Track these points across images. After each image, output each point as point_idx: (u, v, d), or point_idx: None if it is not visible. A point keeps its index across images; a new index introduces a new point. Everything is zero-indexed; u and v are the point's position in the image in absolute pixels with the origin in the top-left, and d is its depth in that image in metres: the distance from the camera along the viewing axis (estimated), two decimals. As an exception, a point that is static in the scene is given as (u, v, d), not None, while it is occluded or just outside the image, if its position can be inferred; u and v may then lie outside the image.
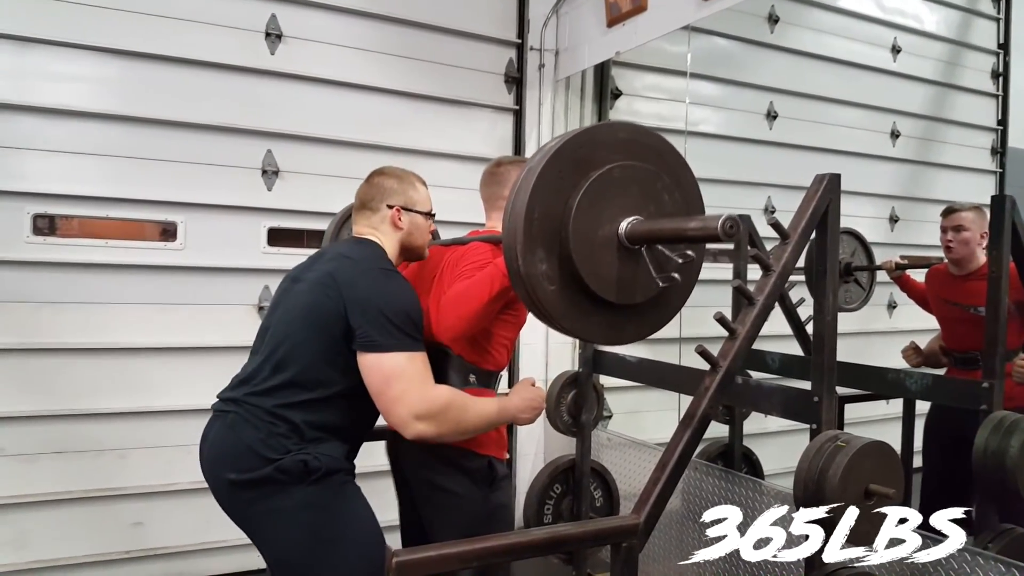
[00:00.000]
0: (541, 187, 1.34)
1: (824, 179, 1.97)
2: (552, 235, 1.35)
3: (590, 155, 1.39)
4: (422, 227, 2.24)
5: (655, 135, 1.50)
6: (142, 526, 3.40)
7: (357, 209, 2.25)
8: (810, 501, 1.71)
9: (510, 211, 1.39)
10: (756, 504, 2.70)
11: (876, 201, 5.49)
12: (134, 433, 3.39)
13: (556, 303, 1.38)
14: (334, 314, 1.94)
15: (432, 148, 3.93)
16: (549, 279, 1.36)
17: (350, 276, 1.98)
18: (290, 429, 1.92)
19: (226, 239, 3.53)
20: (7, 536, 3.21)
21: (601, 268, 1.38)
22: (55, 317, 3.25)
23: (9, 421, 3.19)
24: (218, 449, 1.99)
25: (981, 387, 2.68)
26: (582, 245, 1.36)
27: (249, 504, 1.94)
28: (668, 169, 1.49)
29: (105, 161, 3.30)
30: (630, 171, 1.41)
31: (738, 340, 1.85)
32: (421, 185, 2.28)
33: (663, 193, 1.46)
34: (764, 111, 4.94)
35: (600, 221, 1.38)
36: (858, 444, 1.70)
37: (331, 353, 1.96)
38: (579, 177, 1.37)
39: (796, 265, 1.95)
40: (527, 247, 1.34)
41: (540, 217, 1.34)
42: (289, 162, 3.62)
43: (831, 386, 1.98)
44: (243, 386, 2.02)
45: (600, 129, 1.42)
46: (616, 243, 1.40)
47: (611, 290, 1.39)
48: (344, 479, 1.99)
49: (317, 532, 1.92)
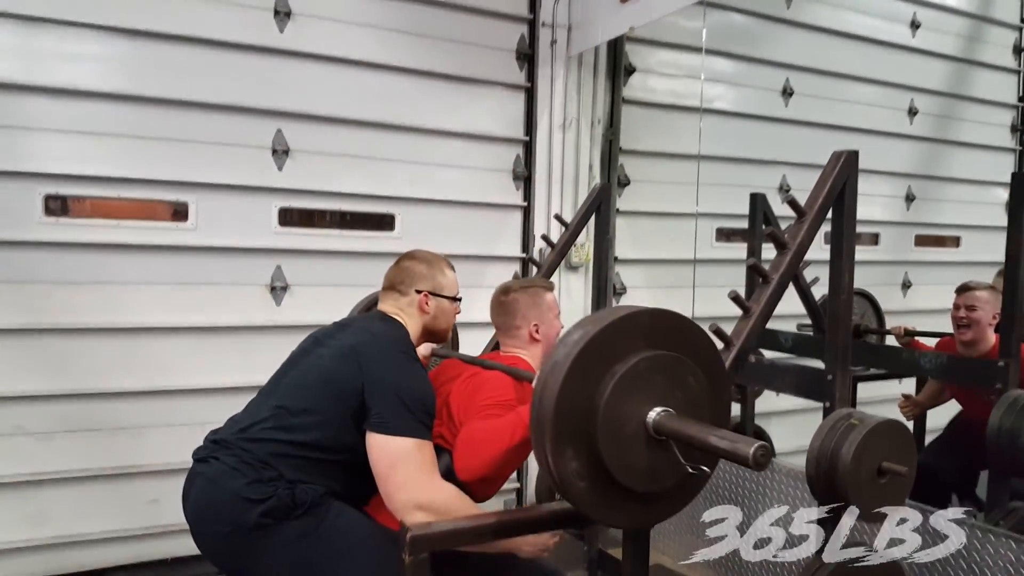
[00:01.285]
0: (568, 386, 1.33)
1: (841, 156, 1.96)
2: (580, 432, 1.35)
3: (614, 348, 1.38)
4: (448, 311, 2.30)
5: (676, 316, 1.48)
6: (159, 503, 3.43)
7: (385, 289, 2.29)
8: (823, 479, 1.71)
9: (538, 404, 1.37)
10: (768, 482, 2.70)
11: (892, 180, 5.44)
12: (149, 412, 3.42)
13: (587, 498, 1.38)
14: (351, 388, 1.95)
15: (442, 127, 3.91)
16: (579, 476, 1.36)
17: (372, 354, 2.00)
18: (278, 476, 1.91)
19: (237, 219, 3.53)
20: (27, 512, 3.25)
21: (630, 461, 1.37)
22: (69, 297, 3.27)
23: (26, 400, 3.22)
24: (203, 505, 1.96)
25: (997, 366, 2.67)
26: (610, 442, 1.35)
27: (240, 551, 1.91)
28: (691, 350, 1.46)
29: (115, 141, 3.30)
30: (655, 361, 1.40)
31: (752, 318, 1.84)
32: (449, 270, 2.33)
33: (688, 376, 1.44)
34: (780, 88, 4.89)
35: (628, 415, 1.37)
36: (872, 422, 1.69)
37: (340, 424, 1.95)
38: (604, 371, 1.36)
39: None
40: (556, 448, 1.34)
41: (568, 414, 1.33)
42: (299, 141, 3.61)
43: (845, 365, 1.98)
44: (240, 431, 2.00)
45: (623, 321, 1.39)
46: (644, 434, 1.38)
47: (640, 481, 1.39)
48: (328, 501, 1.97)
49: (313, 560, 1.91)
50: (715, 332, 1.79)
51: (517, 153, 4.14)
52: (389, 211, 3.84)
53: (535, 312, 2.37)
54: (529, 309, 2.37)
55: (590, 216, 3.29)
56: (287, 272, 3.63)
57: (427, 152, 3.89)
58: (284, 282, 3.62)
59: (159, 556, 3.45)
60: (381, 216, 3.84)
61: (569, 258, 4.15)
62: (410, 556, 1.38)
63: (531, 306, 2.37)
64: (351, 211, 3.76)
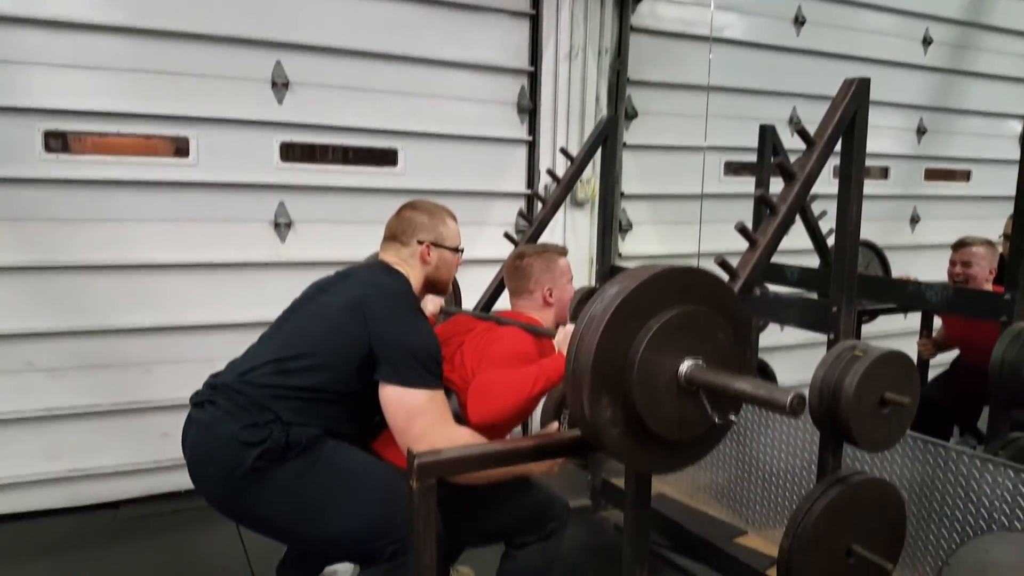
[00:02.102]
0: (606, 339, 1.39)
1: (852, 84, 1.92)
2: (615, 382, 1.41)
3: (650, 303, 1.43)
4: (450, 262, 2.27)
5: (708, 274, 1.54)
6: (169, 436, 3.48)
7: (387, 239, 2.26)
8: (826, 409, 1.72)
9: (575, 360, 1.42)
10: (770, 413, 2.73)
11: (904, 112, 5.35)
12: (157, 348, 3.45)
13: (620, 444, 1.44)
14: (356, 341, 1.95)
15: (445, 57, 3.83)
16: (614, 423, 1.42)
17: (378, 308, 1.99)
18: (274, 418, 1.92)
19: (239, 154, 3.50)
20: (41, 447, 3.31)
21: (662, 410, 1.43)
22: (73, 235, 3.27)
23: (35, 337, 3.25)
24: (199, 452, 1.99)
25: (1003, 299, 2.66)
26: (645, 392, 1.41)
27: (238, 494, 1.94)
28: (721, 308, 1.52)
29: (114, 75, 3.25)
30: (688, 316, 1.45)
31: (758, 250, 1.83)
32: (451, 220, 2.30)
33: (718, 332, 1.50)
34: (792, 16, 4.78)
35: (661, 367, 1.43)
36: (875, 353, 1.69)
37: (342, 372, 1.97)
38: (640, 325, 1.42)
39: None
40: (593, 396, 1.39)
41: (604, 365, 1.39)
42: (299, 74, 3.55)
43: (850, 296, 1.97)
44: (239, 375, 2.01)
45: (659, 278, 1.45)
46: (676, 385, 1.44)
47: (671, 429, 1.45)
48: (323, 441, 1.99)
49: (313, 499, 1.93)
50: (720, 264, 1.79)
51: (522, 84, 4.06)
52: (392, 146, 3.80)
53: (548, 276, 2.40)
54: (543, 274, 2.40)
55: (596, 150, 3.25)
56: (290, 208, 3.61)
57: (430, 84, 3.83)
58: (288, 219, 3.61)
59: (172, 488, 3.52)
60: (384, 151, 3.80)
61: (574, 194, 4.11)
62: (417, 483, 1.41)
63: (544, 271, 2.41)
64: (353, 146, 3.72)
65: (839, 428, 1.72)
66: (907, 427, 1.82)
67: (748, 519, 2.87)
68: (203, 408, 1.99)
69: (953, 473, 2.17)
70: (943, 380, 3.76)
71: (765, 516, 2.80)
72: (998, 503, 2.06)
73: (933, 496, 2.21)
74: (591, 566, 2.94)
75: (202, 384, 2.11)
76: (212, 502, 2.03)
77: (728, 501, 2.96)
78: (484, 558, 2.46)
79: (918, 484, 2.24)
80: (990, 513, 2.08)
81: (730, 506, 2.96)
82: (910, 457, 2.27)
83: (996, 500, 2.07)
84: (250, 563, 2.92)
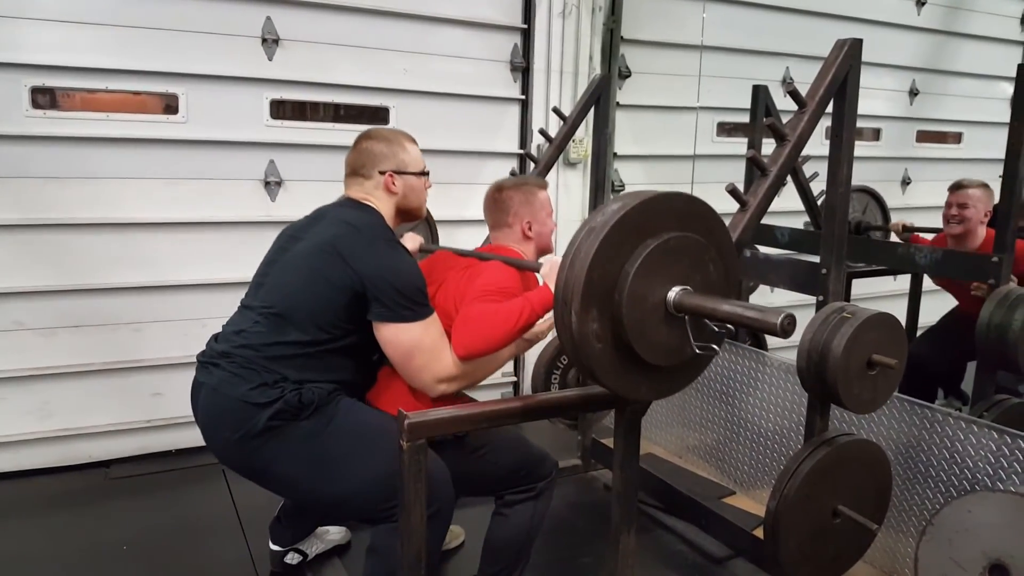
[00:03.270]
0: (603, 252, 1.38)
1: (845, 44, 1.90)
2: (605, 296, 1.40)
3: (648, 223, 1.43)
4: (417, 188, 2.20)
5: (707, 205, 1.53)
6: (161, 396, 3.50)
7: (348, 176, 2.19)
8: (813, 370, 1.74)
9: (570, 268, 1.41)
10: (759, 375, 2.75)
11: (897, 73, 5.32)
12: (148, 307, 3.44)
13: (601, 360, 1.43)
14: (340, 284, 1.94)
15: (437, 12, 3.77)
16: (598, 338, 1.41)
17: (356, 247, 1.97)
18: (282, 379, 1.93)
19: (228, 112, 3.45)
20: (31, 405, 3.31)
21: (647, 332, 1.43)
22: (61, 192, 3.23)
23: (24, 296, 3.23)
24: (211, 415, 1.99)
25: (991, 261, 2.68)
26: (633, 310, 1.40)
27: (253, 454, 1.95)
28: (715, 241, 1.52)
29: (101, 30, 3.19)
30: (684, 241, 1.46)
31: (749, 211, 1.83)
32: (411, 144, 2.21)
33: (709, 264, 1.50)
34: (786, -25, 4.72)
35: (652, 288, 1.43)
36: (864, 315, 1.71)
37: (331, 317, 1.96)
38: (636, 243, 1.42)
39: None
40: (583, 306, 1.38)
41: (597, 278, 1.38)
42: (289, 30, 3.49)
43: (840, 258, 1.98)
44: (235, 338, 2.01)
45: (660, 200, 1.44)
46: (663, 310, 1.44)
47: (653, 353, 1.45)
48: (335, 399, 2.00)
49: (325, 459, 1.95)
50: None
51: (515, 42, 4.01)
52: (383, 103, 3.76)
53: (527, 210, 2.35)
54: (522, 206, 2.34)
55: (589, 109, 3.22)
56: (281, 167, 3.58)
57: (421, 40, 3.77)
58: (278, 177, 3.58)
59: (164, 448, 3.55)
60: (375, 109, 3.75)
61: (567, 154, 4.09)
62: (408, 442, 1.42)
63: (524, 203, 2.35)
64: (344, 103, 3.67)
65: (827, 390, 1.74)
66: (894, 389, 1.85)
67: (736, 479, 2.92)
68: (209, 371, 2.00)
69: (939, 435, 2.20)
70: (928, 336, 3.80)
71: (753, 476, 2.84)
72: (982, 464, 2.10)
73: (919, 457, 2.25)
74: (581, 525, 2.98)
75: (205, 344, 2.11)
76: (227, 463, 2.06)
77: (716, 461, 3.00)
78: (475, 519, 2.49)
79: (904, 445, 2.28)
80: (973, 474, 2.12)
81: (718, 466, 3.00)
82: (896, 419, 2.30)
83: (980, 461, 2.10)
84: (241, 522, 2.94)
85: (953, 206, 3.33)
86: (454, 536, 2.74)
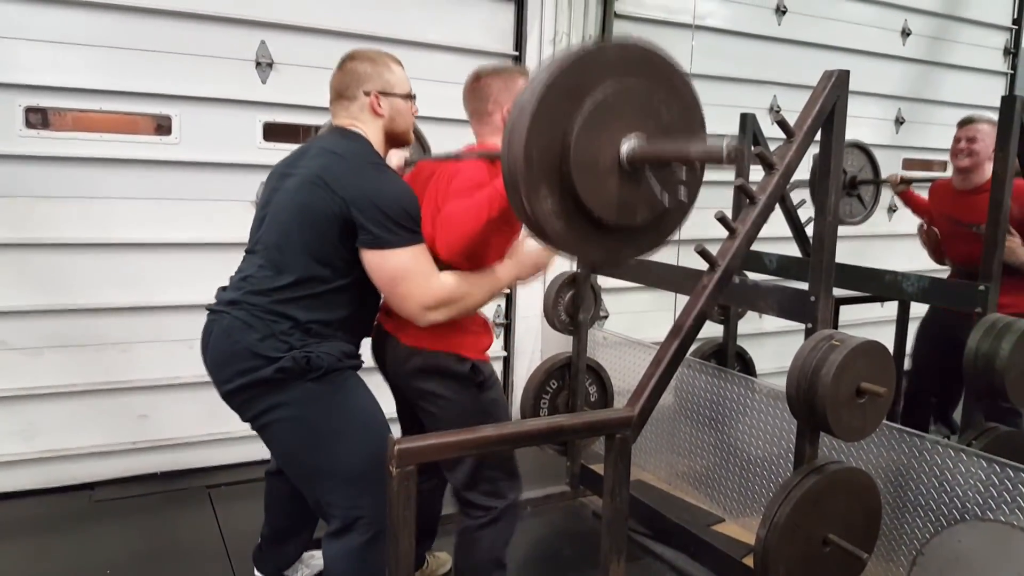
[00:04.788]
0: (536, 125, 1.31)
1: (832, 76, 1.92)
2: (553, 170, 1.34)
3: (580, 81, 1.35)
4: (403, 111, 2.14)
5: (644, 46, 1.46)
6: (147, 418, 3.47)
7: (334, 100, 2.13)
8: (802, 399, 1.74)
9: (508, 150, 1.35)
10: (749, 402, 2.76)
11: (883, 102, 5.40)
12: (136, 328, 3.42)
13: (567, 236, 1.38)
14: (329, 213, 1.91)
15: (430, 39, 3.80)
16: (556, 214, 1.36)
17: (341, 174, 1.94)
18: (292, 326, 1.94)
19: (221, 134, 3.46)
20: (16, 427, 3.28)
21: (606, 195, 1.37)
22: (52, 212, 3.22)
23: (11, 316, 3.21)
24: (219, 356, 2.00)
25: (977, 290, 2.70)
26: (585, 176, 1.34)
27: (254, 401, 1.97)
28: (663, 80, 1.44)
29: (96, 52, 3.20)
30: (624, 91, 1.38)
31: (737, 239, 1.84)
32: (396, 66, 2.15)
33: (660, 107, 1.42)
34: (773, 5, 4.79)
35: (600, 148, 1.36)
36: (852, 343, 1.72)
37: (328, 250, 1.95)
38: (573, 107, 1.34)
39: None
40: (530, 187, 1.33)
41: (539, 155, 1.32)
42: (283, 54, 3.51)
43: (828, 286, 1.99)
44: (242, 284, 2.02)
45: (587, 53, 1.37)
46: (618, 167, 1.38)
47: (617, 214, 1.40)
48: (347, 374, 2.02)
49: (319, 425, 1.96)
50: (700, 253, 1.79)
51: (506, 69, 4.04)
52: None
53: (507, 96, 2.20)
54: (501, 93, 2.22)
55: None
56: (272, 189, 3.58)
57: (414, 66, 3.73)
58: (269, 200, 3.57)
59: (149, 470, 3.51)
60: (366, 133, 3.76)
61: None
62: (397, 469, 1.41)
63: (503, 90, 2.22)
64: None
65: (816, 418, 1.74)
66: (883, 417, 1.85)
67: (725, 507, 2.91)
68: (221, 316, 2.00)
69: (928, 463, 2.21)
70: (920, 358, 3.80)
71: (743, 504, 2.84)
72: (972, 493, 2.10)
73: (908, 486, 2.25)
74: (569, 553, 2.96)
75: (214, 295, 2.11)
76: (230, 402, 2.05)
77: (706, 488, 3.00)
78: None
79: (893, 473, 2.28)
80: (964, 503, 2.12)
81: (708, 493, 2.99)
82: (885, 447, 2.31)
83: (970, 490, 2.11)
84: (227, 546, 2.91)
85: (962, 140, 3.37)
86: (440, 563, 2.71)
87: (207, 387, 2.10)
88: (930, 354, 3.71)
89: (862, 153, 4.08)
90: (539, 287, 4.05)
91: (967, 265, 3.31)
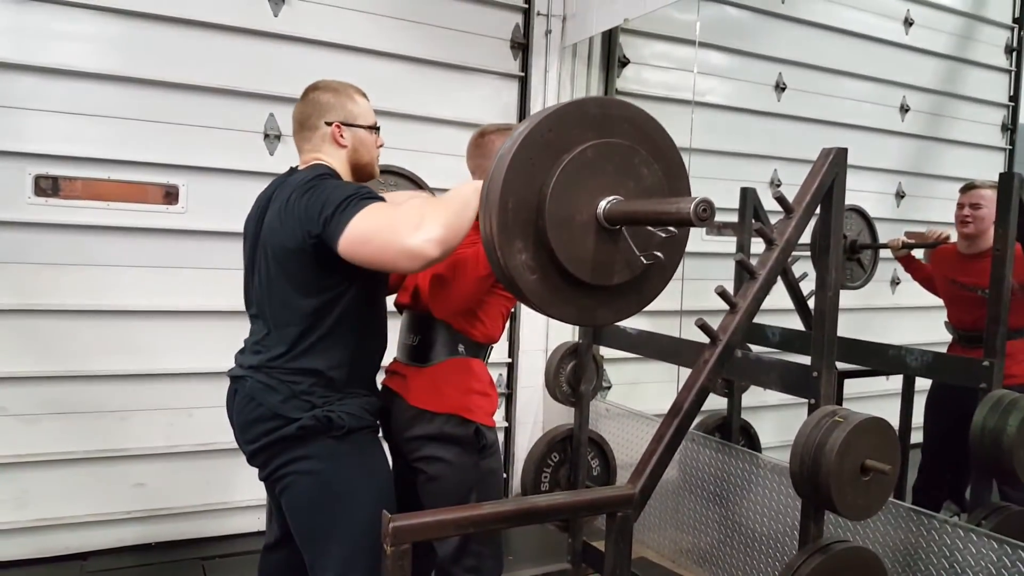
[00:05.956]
0: (513, 176, 1.31)
1: (831, 153, 1.95)
2: (528, 223, 1.33)
3: (560, 137, 1.36)
4: (367, 142, 2.09)
5: (628, 106, 1.47)
6: (144, 487, 3.42)
7: (296, 131, 2.09)
8: (806, 475, 1.72)
9: (485, 201, 1.36)
10: (753, 477, 2.71)
11: (883, 176, 5.45)
12: (135, 395, 3.40)
13: (539, 291, 1.37)
14: (298, 243, 1.84)
15: (437, 115, 3.89)
16: (530, 269, 1.35)
17: (293, 201, 1.87)
18: (313, 383, 1.92)
19: (228, 203, 3.49)
20: (9, 494, 3.23)
21: (581, 253, 1.36)
22: (57, 279, 3.25)
23: (10, 381, 3.20)
24: (244, 420, 2.00)
25: (981, 365, 2.68)
26: (560, 231, 1.34)
27: (275, 457, 1.96)
28: (645, 140, 1.45)
29: (106, 122, 3.28)
30: (604, 149, 1.38)
31: (739, 314, 1.84)
32: (360, 97, 2.12)
33: (641, 167, 1.42)
34: (773, 83, 4.89)
35: (577, 205, 1.35)
36: (856, 420, 1.70)
37: (311, 276, 1.89)
38: (551, 161, 1.34)
39: (800, 240, 1.94)
40: (504, 239, 1.33)
41: (515, 207, 1.32)
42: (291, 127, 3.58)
43: (831, 361, 1.98)
44: (259, 349, 2.00)
45: (569, 108, 1.38)
46: (595, 225, 1.38)
47: (592, 273, 1.38)
48: (369, 437, 2.01)
49: (331, 482, 1.93)
50: (701, 327, 1.79)
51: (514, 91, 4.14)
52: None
53: None
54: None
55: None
56: (276, 258, 3.60)
57: (421, 140, 3.86)
58: (273, 268, 3.60)
59: (143, 540, 3.45)
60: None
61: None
62: (392, 547, 1.38)
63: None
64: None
65: (820, 496, 1.72)
66: (889, 495, 1.82)
67: (729, 584, 2.84)
68: (243, 380, 1.99)
69: (936, 543, 2.16)
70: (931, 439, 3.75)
71: (746, 581, 2.77)
72: (982, 574, 2.05)
73: (916, 565, 2.20)
74: (570, 630, 2.88)
75: (233, 359, 2.10)
76: (253, 462, 2.03)
77: (710, 566, 2.93)
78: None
79: (901, 553, 2.23)
80: (972, 585, 2.07)
81: (712, 571, 2.92)
82: (892, 525, 2.26)
83: (980, 572, 2.05)
84: (220, 621, 2.84)
85: (966, 206, 3.36)
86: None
87: (205, 456, 2.09)
88: (940, 428, 3.67)
89: (860, 217, 4.11)
90: (541, 357, 4.06)
91: (969, 330, 3.30)
